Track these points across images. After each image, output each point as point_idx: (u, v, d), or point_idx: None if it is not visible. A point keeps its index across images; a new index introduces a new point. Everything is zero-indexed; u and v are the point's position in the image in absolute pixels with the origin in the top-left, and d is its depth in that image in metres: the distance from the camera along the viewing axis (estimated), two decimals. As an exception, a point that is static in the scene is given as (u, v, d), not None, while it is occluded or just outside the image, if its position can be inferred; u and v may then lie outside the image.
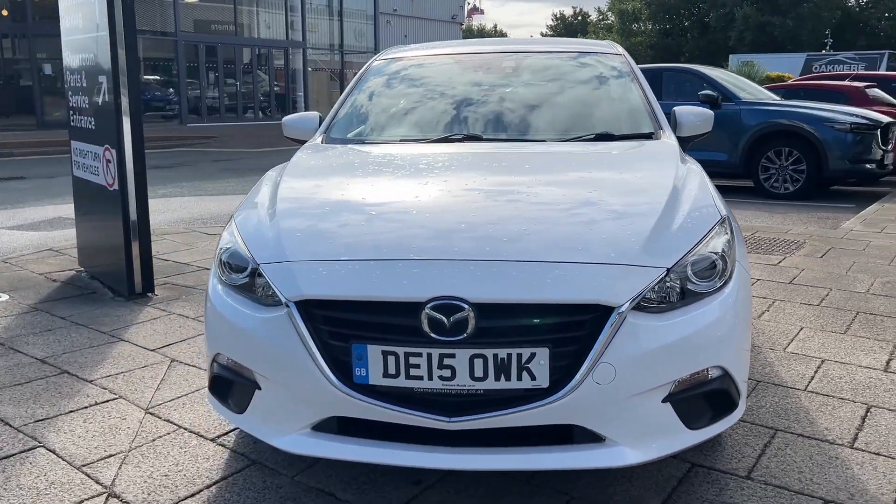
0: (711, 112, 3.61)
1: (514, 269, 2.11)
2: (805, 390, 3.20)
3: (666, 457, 2.24)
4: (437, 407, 2.10)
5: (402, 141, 3.31)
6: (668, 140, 3.19)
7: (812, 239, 6.39)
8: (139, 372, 3.46)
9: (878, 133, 8.85)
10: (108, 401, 3.15)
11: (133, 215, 4.54)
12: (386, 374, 2.10)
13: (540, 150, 3.12)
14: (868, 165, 8.90)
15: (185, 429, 2.91)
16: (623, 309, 2.05)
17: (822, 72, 33.65)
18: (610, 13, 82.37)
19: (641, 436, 2.15)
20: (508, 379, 2.06)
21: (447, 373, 2.07)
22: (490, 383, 2.06)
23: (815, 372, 3.39)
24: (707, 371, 2.21)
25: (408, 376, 2.09)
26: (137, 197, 4.53)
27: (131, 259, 4.58)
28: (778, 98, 9.95)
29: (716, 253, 2.29)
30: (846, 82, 11.48)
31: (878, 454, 2.67)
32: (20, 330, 4.06)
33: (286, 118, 3.84)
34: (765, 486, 2.47)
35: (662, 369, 2.11)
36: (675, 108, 3.57)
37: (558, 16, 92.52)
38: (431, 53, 4.01)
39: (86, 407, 3.09)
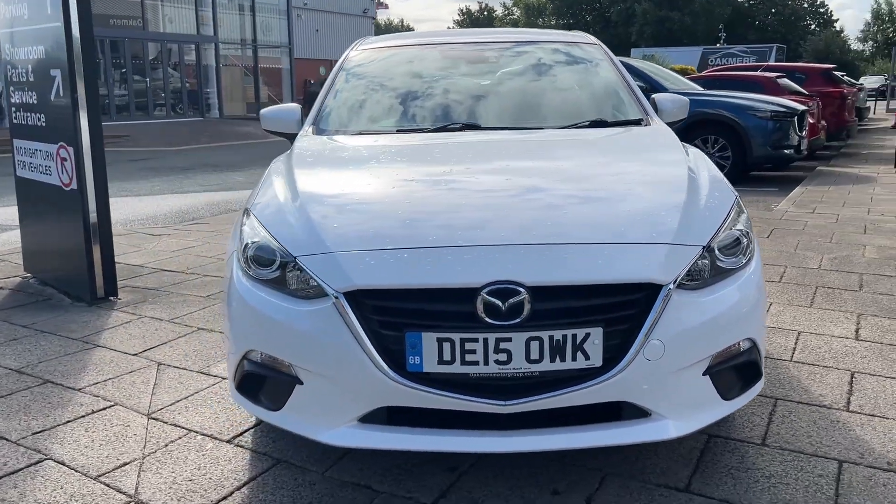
0: (687, 99, 3.75)
1: (565, 252, 2.15)
2: (791, 361, 3.38)
3: (704, 428, 2.33)
4: (491, 391, 2.12)
5: (398, 131, 3.29)
6: (661, 126, 3.30)
7: (753, 221, 6.70)
8: (128, 378, 3.32)
9: (795, 120, 9.37)
10: (104, 408, 3.01)
11: (93, 216, 4.33)
12: (441, 361, 2.10)
13: (543, 137, 3.17)
14: (787, 151, 9.42)
15: (197, 432, 2.82)
16: (671, 286, 2.12)
17: (718, 64, 35.31)
18: (515, 8, 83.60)
19: (683, 409, 2.23)
20: (563, 360, 2.09)
21: (503, 357, 2.09)
22: (545, 365, 2.09)
23: (796, 343, 3.59)
24: (739, 344, 2.31)
25: (463, 362, 2.09)
26: (97, 196, 4.33)
27: (92, 262, 4.37)
28: (700, 88, 10.39)
29: (740, 230, 2.40)
30: (759, 73, 12.08)
31: (873, 416, 2.85)
32: (-20, 341, 3.82)
33: (264, 111, 3.75)
34: (781, 450, 2.61)
35: (704, 343, 2.20)
36: (654, 95, 3.69)
37: (464, 10, 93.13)
38: (410, 43, 4.00)
39: (83, 416, 2.94)
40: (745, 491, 2.37)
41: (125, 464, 2.60)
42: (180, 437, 2.78)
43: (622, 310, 2.11)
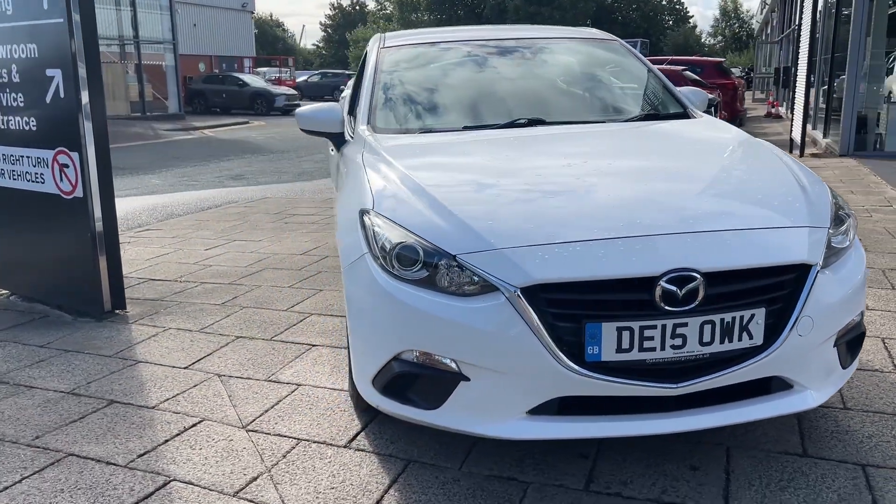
0: (706, 93, 3.99)
1: (729, 238, 2.28)
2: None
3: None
4: (664, 375, 2.22)
5: (465, 128, 3.32)
6: (710, 117, 3.50)
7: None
8: (196, 392, 3.17)
9: (712, 110, 9.99)
10: (194, 425, 2.88)
11: (99, 225, 4.07)
12: (619, 350, 2.18)
13: (615, 129, 3.28)
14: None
15: (308, 440, 2.75)
16: (819, 266, 2.30)
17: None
18: (388, 3, 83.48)
19: (818, 379, 2.42)
20: (731, 341, 2.23)
21: (678, 341, 2.20)
22: (715, 346, 2.22)
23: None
24: (856, 316, 2.53)
25: (641, 349, 2.19)
26: (103, 204, 4.07)
27: (98, 274, 4.11)
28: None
29: (842, 210, 2.61)
30: (666, 66, 12.78)
31: (920, 375, 3.18)
32: (2, 365, 3.52)
33: (302, 111, 3.67)
34: (864, 413, 2.86)
35: (839, 317, 2.40)
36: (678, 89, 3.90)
37: (336, 5, 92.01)
38: (438, 40, 4.02)
39: (178, 434, 2.80)
40: (856, 451, 2.60)
41: (254, 478, 2.51)
42: (294, 447, 2.71)
43: (779, 290, 2.27)
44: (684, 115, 3.53)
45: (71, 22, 3.83)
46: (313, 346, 3.68)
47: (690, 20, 73.64)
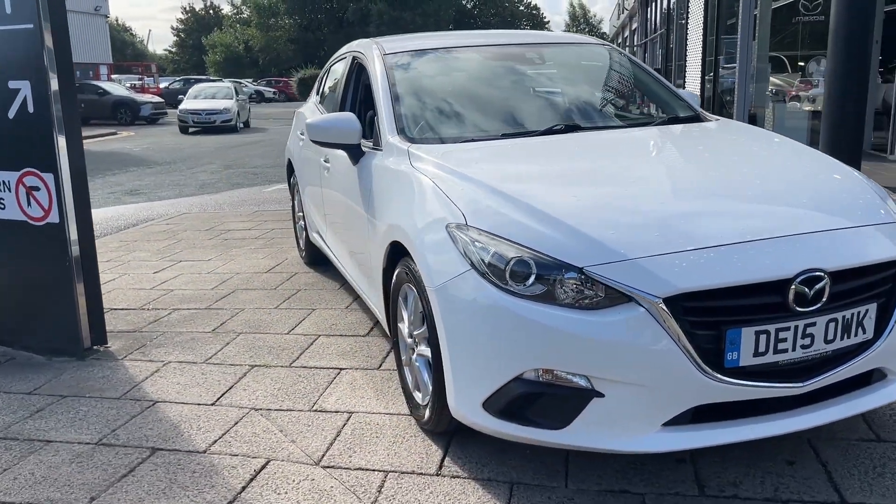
0: (697, 95, 4.13)
1: (841, 237, 2.34)
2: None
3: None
4: (791, 375, 2.26)
5: (504, 136, 3.24)
6: (724, 119, 3.60)
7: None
8: (241, 430, 2.91)
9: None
10: (263, 467, 2.64)
11: (76, 250, 3.67)
12: (756, 354, 2.20)
13: (657, 133, 3.29)
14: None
15: (395, 471, 2.59)
16: None
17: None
18: (245, 7, 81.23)
19: (904, 369, 2.54)
20: (849, 336, 2.30)
21: (807, 341, 2.24)
22: (836, 343, 2.28)
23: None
24: None
25: (775, 351, 2.21)
26: (80, 230, 3.67)
27: (76, 307, 3.70)
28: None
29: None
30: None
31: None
32: (-7, 418, 3.09)
33: (315, 121, 3.48)
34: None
35: None
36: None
37: (188, 9, 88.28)
38: (445, 45, 3.91)
39: (251, 479, 2.56)
40: (921, 433, 2.75)
41: (364, 519, 2.33)
42: (384, 481, 2.54)
43: (885, 284, 2.36)
44: (696, 118, 3.61)
45: (41, 28, 3.42)
46: (341, 369, 3.48)
47: (547, 25, 76.53)
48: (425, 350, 2.75)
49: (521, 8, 73.85)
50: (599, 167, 2.83)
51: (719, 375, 2.17)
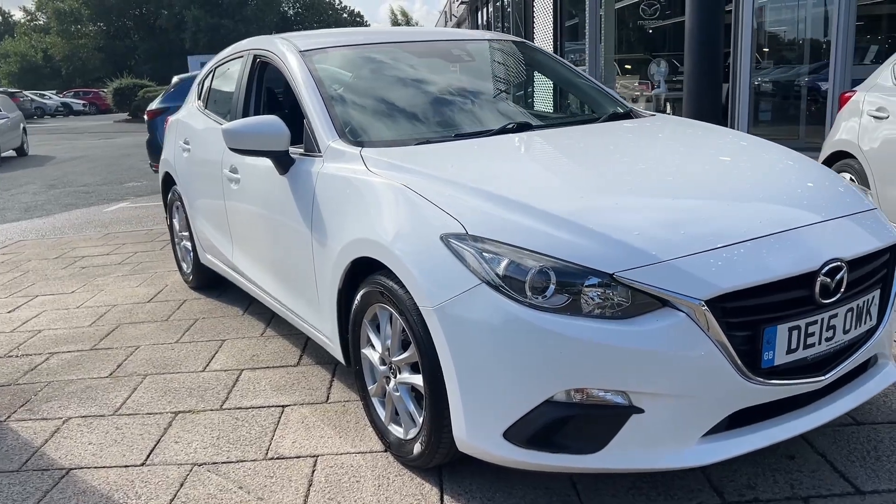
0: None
1: (844, 226, 2.30)
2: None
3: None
4: (813, 369, 2.19)
5: (457, 136, 2.98)
6: (658, 114, 3.56)
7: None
8: (190, 492, 2.46)
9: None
10: (237, 535, 2.22)
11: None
12: (789, 351, 2.11)
13: (610, 130, 3.15)
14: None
15: (396, 521, 2.28)
16: None
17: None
18: (40, 13, 74.89)
19: (891, 351, 2.57)
20: (861, 325, 2.28)
21: (830, 333, 2.19)
22: (852, 332, 2.25)
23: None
24: None
25: (804, 346, 2.14)
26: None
27: (-61, 363, 3.01)
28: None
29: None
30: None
31: None
32: None
33: (235, 127, 3.05)
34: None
35: None
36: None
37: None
38: (361, 42, 3.58)
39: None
40: None
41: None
42: (388, 533, 2.22)
43: (883, 270, 2.36)
44: (628, 114, 3.52)
45: None
46: (283, 407, 3.07)
47: (370, 32, 76.62)
48: (410, 377, 2.45)
49: (345, 15, 73.56)
50: (583, 166, 2.65)
51: (758, 378, 2.06)
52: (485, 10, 25.73)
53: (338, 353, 2.91)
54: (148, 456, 2.71)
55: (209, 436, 2.85)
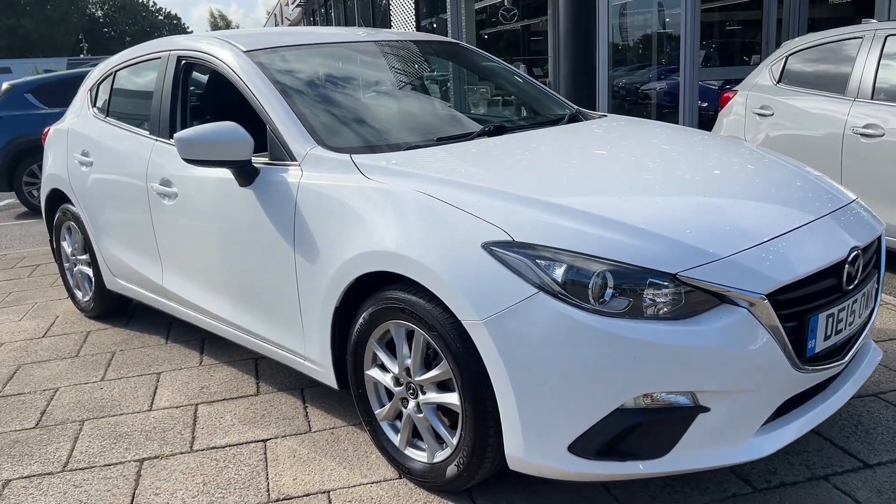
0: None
1: (848, 215, 2.41)
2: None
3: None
4: (836, 352, 2.30)
5: (439, 140, 2.84)
6: (610, 114, 3.61)
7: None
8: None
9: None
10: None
11: None
12: (826, 338, 2.20)
13: (590, 130, 3.10)
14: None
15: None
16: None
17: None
18: None
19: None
20: (867, 307, 2.41)
21: (852, 318, 2.30)
22: (864, 315, 2.38)
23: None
24: None
25: (836, 332, 2.24)
26: None
27: None
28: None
29: None
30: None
31: None
32: None
33: (190, 135, 2.75)
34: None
35: None
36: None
37: None
38: (304, 42, 3.34)
39: None
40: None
41: None
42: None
43: (874, 254, 2.52)
44: (579, 115, 3.54)
45: None
46: (263, 441, 2.80)
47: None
48: (439, 396, 2.30)
49: (161, 17, 69.69)
50: (598, 167, 2.56)
51: (804, 366, 2.12)
52: (323, 11, 25.31)
53: (329, 378, 2.69)
54: (131, 515, 2.37)
55: (193, 483, 2.53)
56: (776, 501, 2.30)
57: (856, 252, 2.26)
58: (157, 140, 3.46)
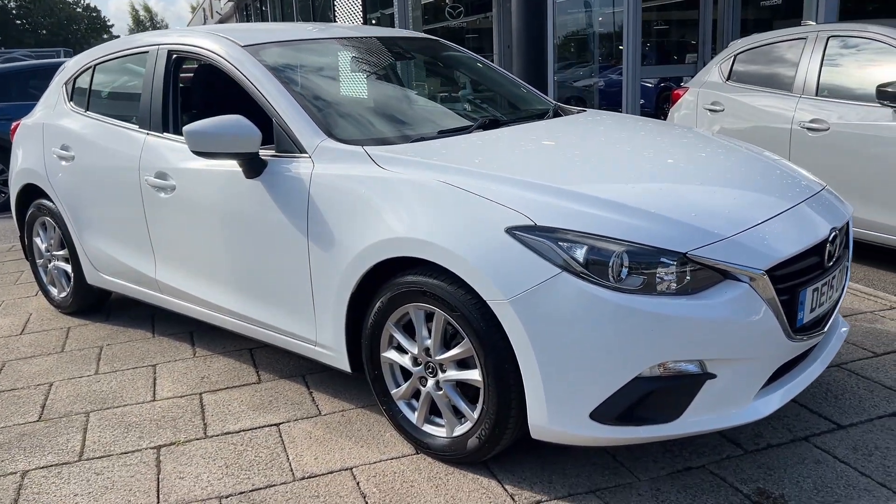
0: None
1: (820, 201, 2.66)
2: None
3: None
4: (817, 324, 2.54)
5: (440, 133, 2.98)
6: (588, 109, 3.81)
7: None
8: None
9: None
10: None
11: None
12: (811, 310, 2.44)
13: (579, 123, 3.27)
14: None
15: (478, 517, 2.28)
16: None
17: None
18: None
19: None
20: (841, 282, 2.67)
21: (831, 292, 2.56)
22: (837, 291, 2.63)
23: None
24: None
25: (818, 305, 2.48)
26: None
27: None
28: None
29: None
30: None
31: None
32: None
33: (201, 128, 2.81)
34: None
35: None
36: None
37: None
38: (299, 38, 3.41)
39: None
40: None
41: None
42: (478, 530, 2.22)
43: (845, 235, 2.77)
44: (559, 110, 3.73)
45: None
46: (277, 425, 2.88)
47: (111, 28, 70.71)
48: (460, 374, 2.45)
49: (79, 10, 67.16)
50: (601, 156, 2.74)
51: (795, 336, 2.35)
52: (258, 5, 24.95)
53: (342, 363, 2.80)
54: (158, 499, 2.42)
55: (215, 465, 2.61)
56: (765, 461, 2.53)
57: (834, 232, 2.51)
58: (148, 134, 3.48)
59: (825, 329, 2.56)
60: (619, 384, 2.18)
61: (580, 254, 2.18)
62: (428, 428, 2.61)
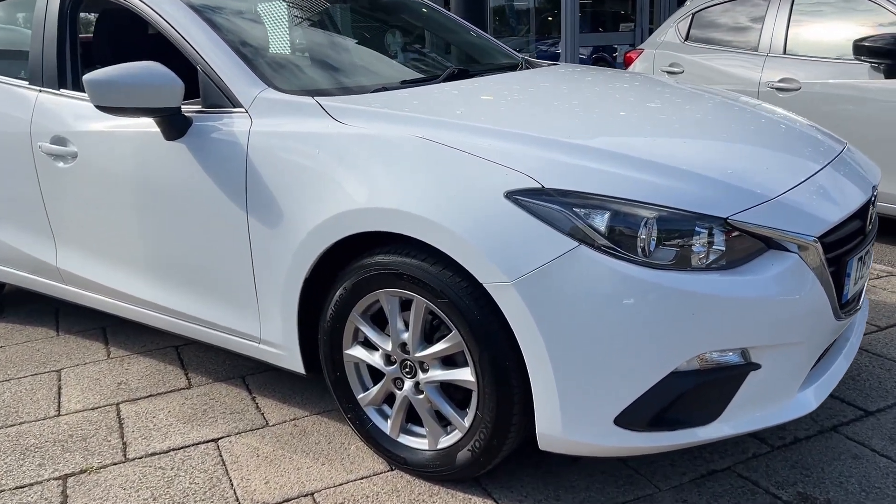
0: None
1: (850, 159, 2.29)
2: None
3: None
4: (854, 300, 2.19)
5: (403, 84, 2.49)
6: (559, 62, 3.37)
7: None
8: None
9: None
10: None
11: None
12: (854, 283, 2.08)
13: (558, 74, 2.83)
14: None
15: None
16: None
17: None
18: None
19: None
20: (870, 254, 2.33)
21: (870, 262, 2.20)
22: (868, 264, 2.29)
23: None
24: None
25: (860, 277, 2.13)
26: None
27: None
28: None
29: None
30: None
31: None
32: None
33: (103, 76, 2.24)
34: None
35: None
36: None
37: None
38: None
39: None
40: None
41: None
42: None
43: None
44: (528, 63, 3.29)
45: None
46: (215, 441, 2.37)
47: None
48: (447, 373, 1.99)
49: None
50: (602, 109, 2.28)
51: (843, 312, 1.99)
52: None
53: (293, 363, 2.30)
54: (67, 547, 1.89)
55: (139, 498, 2.08)
56: (797, 459, 2.18)
57: (875, 191, 2.16)
58: (41, 91, 2.86)
59: (860, 304, 2.21)
60: (652, 381, 1.77)
61: (601, 222, 1.75)
62: (405, 439, 2.15)
